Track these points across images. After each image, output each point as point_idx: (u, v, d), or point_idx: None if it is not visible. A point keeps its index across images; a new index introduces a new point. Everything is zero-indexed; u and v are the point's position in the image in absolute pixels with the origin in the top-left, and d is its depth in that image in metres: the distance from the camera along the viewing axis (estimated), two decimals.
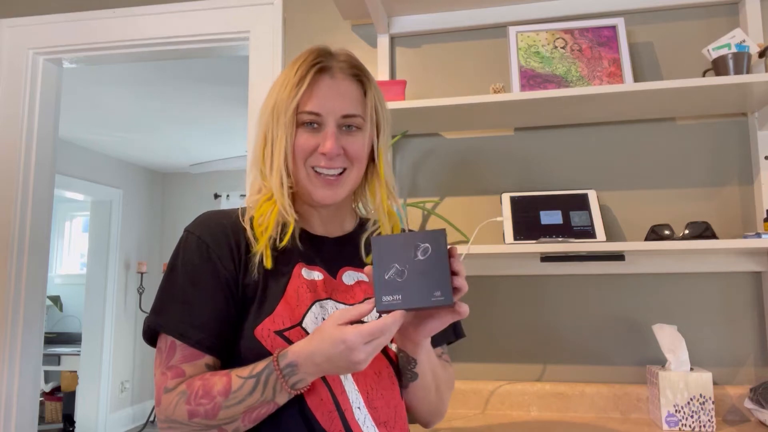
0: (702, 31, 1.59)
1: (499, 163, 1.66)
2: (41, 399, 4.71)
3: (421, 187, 1.69)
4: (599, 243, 1.35)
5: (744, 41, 1.45)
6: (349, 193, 0.91)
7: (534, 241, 1.47)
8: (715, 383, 1.47)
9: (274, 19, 1.82)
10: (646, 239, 1.41)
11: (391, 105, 1.46)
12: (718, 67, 1.41)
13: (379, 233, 0.94)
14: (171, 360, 0.81)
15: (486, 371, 1.59)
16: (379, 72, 1.72)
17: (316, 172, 0.87)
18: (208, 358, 0.81)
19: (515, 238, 1.50)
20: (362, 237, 0.95)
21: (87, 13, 1.96)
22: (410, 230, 0.81)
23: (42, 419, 4.73)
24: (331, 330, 0.73)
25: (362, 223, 1.00)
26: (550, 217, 1.53)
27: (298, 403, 0.80)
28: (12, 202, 1.91)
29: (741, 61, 1.38)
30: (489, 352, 1.60)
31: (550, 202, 1.55)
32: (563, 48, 1.58)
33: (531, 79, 1.56)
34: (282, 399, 0.77)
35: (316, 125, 0.87)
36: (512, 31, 1.61)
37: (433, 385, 0.93)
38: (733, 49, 1.44)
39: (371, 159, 0.94)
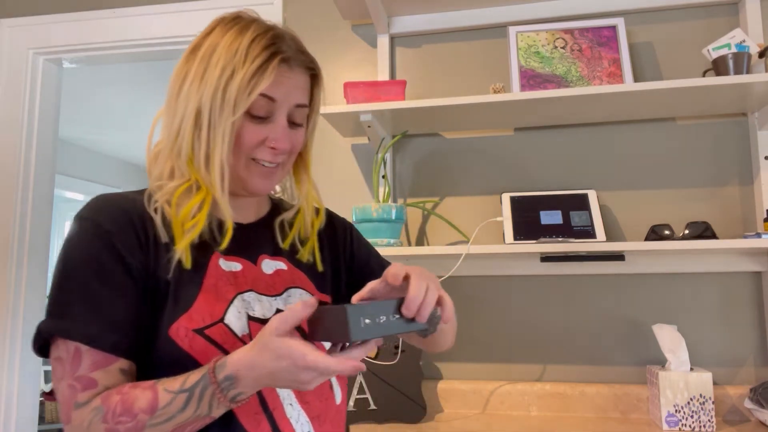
0: (702, 31, 1.59)
1: (499, 163, 1.66)
2: (41, 399, 4.71)
3: (421, 187, 1.69)
4: (599, 243, 1.35)
5: (744, 41, 1.45)
6: (280, 182, 0.86)
7: (534, 241, 1.47)
8: (715, 383, 1.47)
9: (274, 19, 1.82)
10: (646, 239, 1.41)
11: (391, 105, 1.46)
12: (718, 67, 1.41)
13: (286, 221, 0.89)
14: (78, 369, 0.69)
15: (486, 371, 1.59)
16: (379, 72, 1.72)
17: (254, 161, 0.80)
18: (122, 362, 0.70)
19: (515, 238, 1.50)
20: (277, 221, 0.89)
21: (87, 13, 1.96)
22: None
23: (42, 419, 4.73)
24: (274, 341, 0.64)
25: (275, 206, 0.93)
26: (550, 217, 1.53)
27: None
28: (12, 202, 1.91)
29: (741, 61, 1.38)
30: (489, 352, 1.60)
31: (550, 202, 1.55)
32: (563, 48, 1.58)
33: (531, 79, 1.56)
34: (219, 412, 0.68)
35: (265, 115, 0.79)
36: (512, 31, 1.61)
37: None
38: (733, 49, 1.44)
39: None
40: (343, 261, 0.95)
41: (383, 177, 1.54)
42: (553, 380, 1.55)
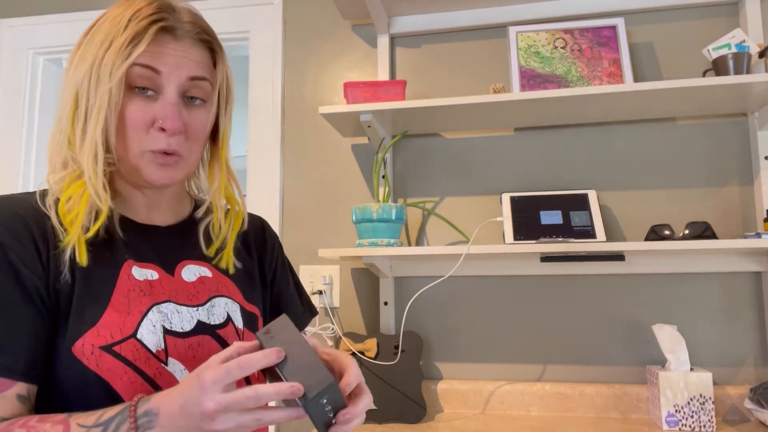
0: (702, 31, 1.59)
1: (499, 163, 1.66)
2: None
3: (421, 187, 1.69)
4: (599, 243, 1.35)
5: (744, 41, 1.45)
6: (187, 175, 0.76)
7: (534, 241, 1.47)
8: (715, 383, 1.47)
9: (274, 19, 1.82)
10: (646, 239, 1.41)
11: (391, 105, 1.46)
12: (718, 67, 1.41)
13: (211, 225, 0.83)
14: None
15: (486, 371, 1.59)
16: (380, 72, 1.72)
17: (148, 151, 0.71)
18: (20, 387, 0.62)
19: (515, 238, 1.50)
20: (201, 225, 0.81)
21: (87, 13, 1.96)
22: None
23: None
24: (197, 370, 0.59)
25: (198, 207, 0.85)
26: (550, 217, 1.53)
27: None
28: None
29: (741, 61, 1.38)
30: (489, 352, 1.60)
31: (550, 202, 1.55)
32: (563, 48, 1.58)
33: (531, 79, 1.56)
34: None
35: (151, 92, 0.70)
36: (512, 31, 1.61)
37: None
38: (733, 49, 1.44)
39: (211, 138, 0.81)
40: (269, 275, 0.92)
41: (383, 177, 1.54)
42: (553, 380, 1.55)
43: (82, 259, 0.67)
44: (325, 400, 0.60)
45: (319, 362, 0.60)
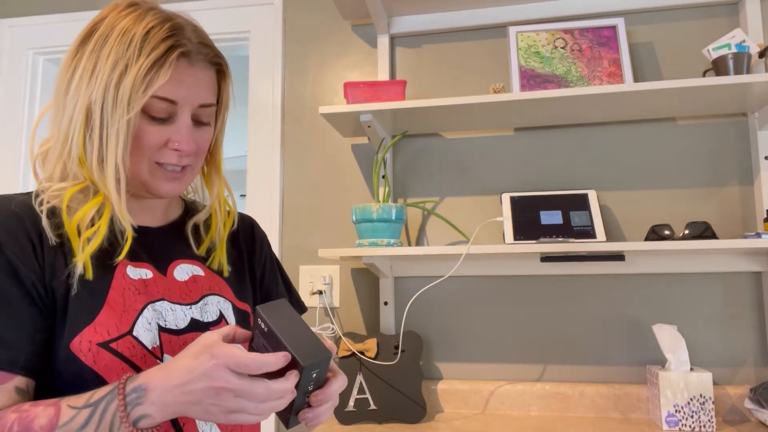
0: (702, 31, 1.59)
1: (499, 163, 1.66)
2: None
3: (421, 187, 1.69)
4: (599, 243, 1.35)
5: (744, 41, 1.45)
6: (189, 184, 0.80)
7: (534, 241, 1.47)
8: (715, 383, 1.47)
9: (274, 19, 1.82)
10: (646, 239, 1.41)
11: (391, 105, 1.46)
12: (718, 67, 1.41)
13: (201, 225, 0.85)
14: None
15: (486, 371, 1.59)
16: (380, 72, 1.72)
17: (158, 165, 0.74)
18: (18, 380, 0.64)
19: (515, 238, 1.50)
20: (189, 224, 0.84)
21: (87, 13, 1.96)
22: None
23: None
24: (200, 342, 0.60)
25: (188, 209, 0.88)
26: (550, 217, 1.53)
27: None
28: None
29: (741, 61, 1.38)
30: (489, 352, 1.60)
31: (550, 202, 1.55)
32: (563, 48, 1.58)
33: (531, 79, 1.56)
34: None
35: (165, 116, 0.72)
36: (512, 31, 1.61)
37: None
38: (733, 49, 1.44)
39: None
40: (258, 273, 0.93)
41: (383, 177, 1.54)
42: (553, 380, 1.55)
43: (89, 273, 0.69)
44: (315, 374, 0.62)
45: (317, 337, 0.63)
